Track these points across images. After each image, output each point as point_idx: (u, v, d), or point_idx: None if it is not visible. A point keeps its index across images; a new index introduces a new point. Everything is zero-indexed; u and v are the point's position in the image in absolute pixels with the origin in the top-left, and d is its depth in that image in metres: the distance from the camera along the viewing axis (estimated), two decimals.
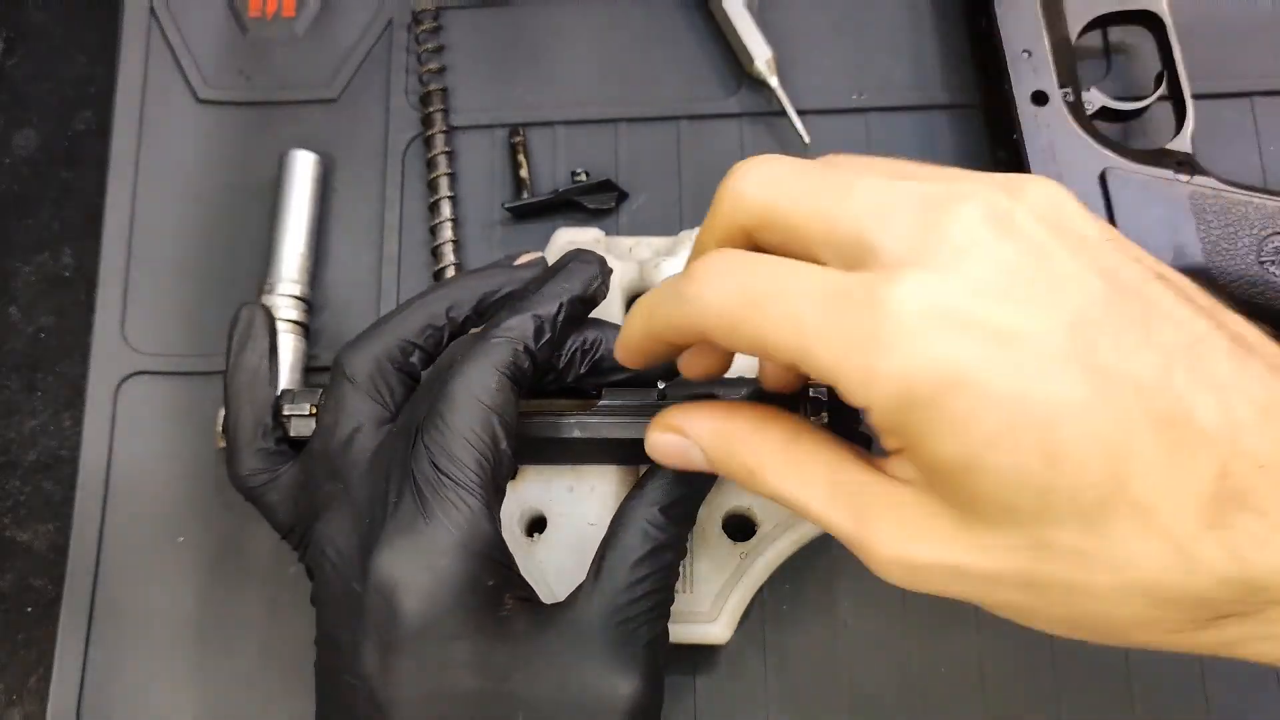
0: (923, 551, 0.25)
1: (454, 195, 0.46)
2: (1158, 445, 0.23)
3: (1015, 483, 0.23)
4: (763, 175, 0.27)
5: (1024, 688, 0.39)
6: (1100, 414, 0.23)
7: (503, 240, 0.46)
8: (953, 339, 0.23)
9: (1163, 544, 0.23)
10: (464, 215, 0.46)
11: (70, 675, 0.41)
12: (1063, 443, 0.23)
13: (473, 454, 0.31)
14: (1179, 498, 0.23)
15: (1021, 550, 0.24)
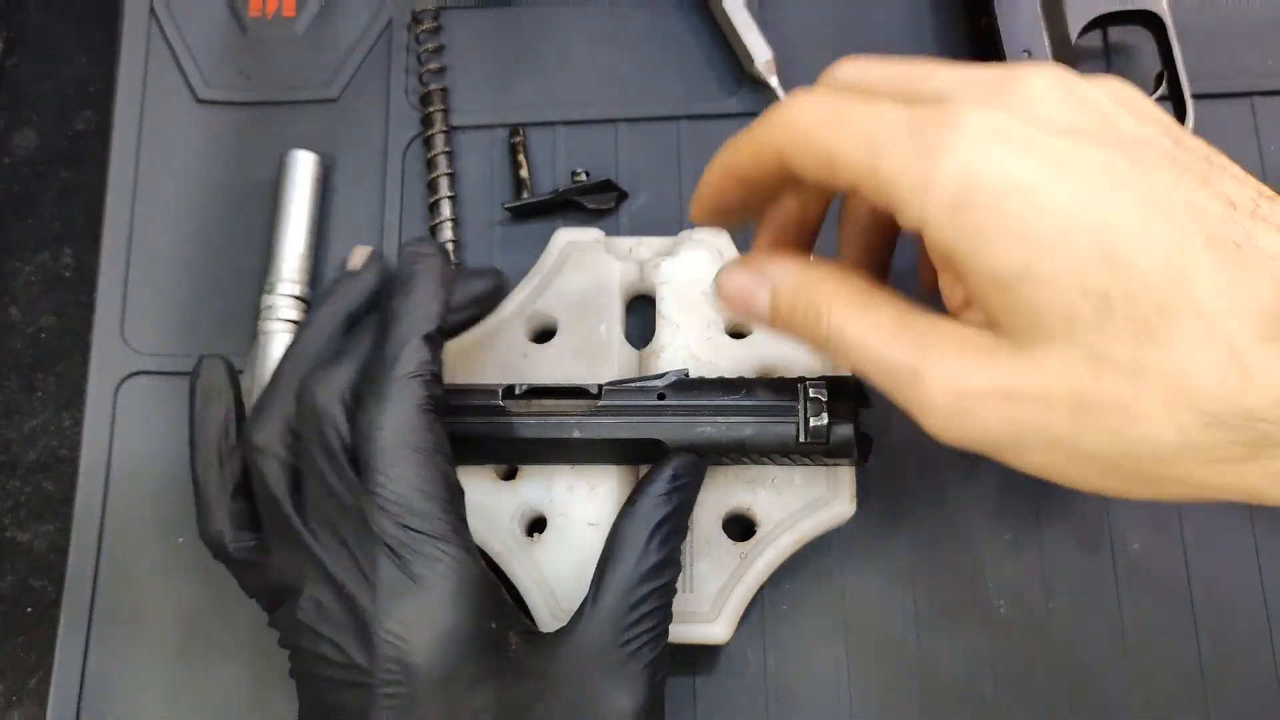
0: (978, 376, 0.26)
1: (454, 195, 0.46)
2: (1217, 261, 0.23)
3: (1074, 287, 0.24)
4: (853, 68, 0.30)
5: (1024, 688, 0.39)
6: (1160, 229, 0.24)
7: (503, 240, 0.46)
8: (1018, 153, 0.25)
9: (1221, 353, 0.23)
10: (464, 215, 0.46)
11: (70, 676, 0.41)
12: (1122, 250, 0.24)
13: (434, 503, 0.30)
14: (1239, 308, 0.23)
15: (1078, 367, 0.24)
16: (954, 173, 0.25)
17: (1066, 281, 0.24)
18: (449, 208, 0.46)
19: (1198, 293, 0.23)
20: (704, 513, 0.38)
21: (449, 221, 0.45)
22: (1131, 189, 0.24)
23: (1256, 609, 0.40)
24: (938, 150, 0.25)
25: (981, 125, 0.25)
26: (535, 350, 0.41)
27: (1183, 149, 0.26)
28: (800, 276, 0.30)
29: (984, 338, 0.26)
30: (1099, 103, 0.26)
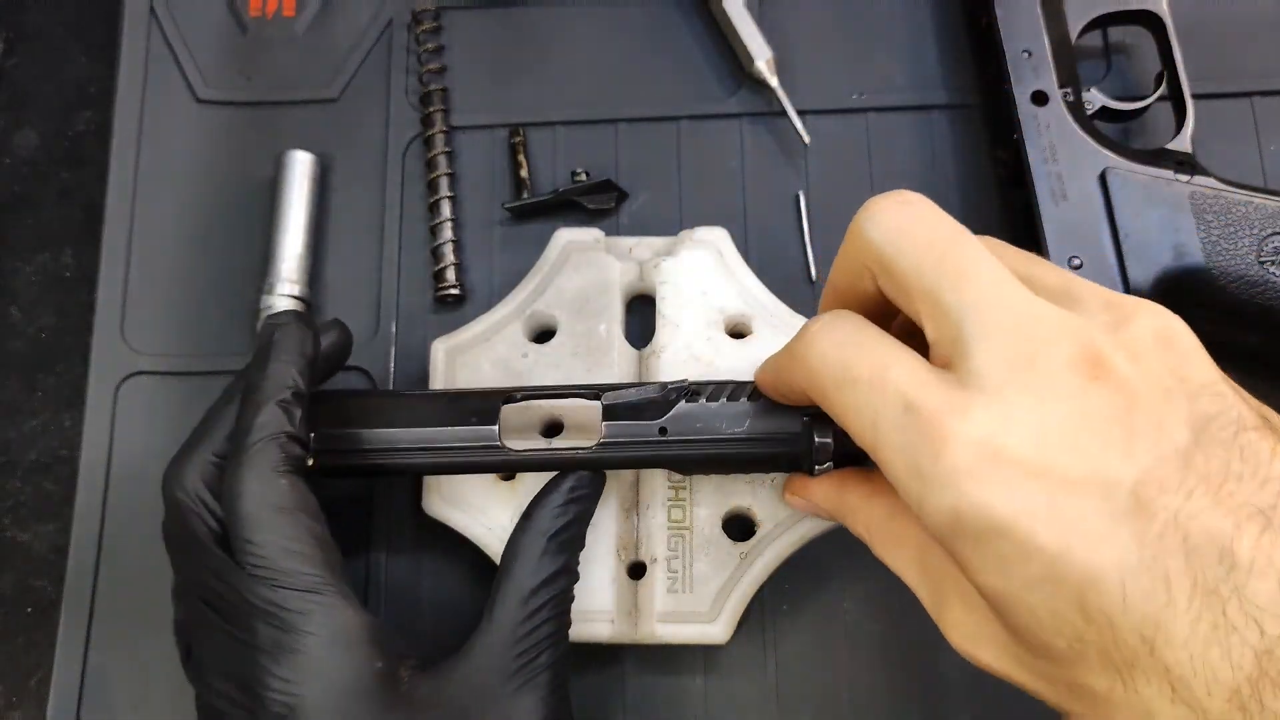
0: (981, 653, 0.28)
1: (454, 195, 0.46)
2: (1200, 620, 0.22)
3: (1050, 627, 0.24)
4: (889, 223, 0.28)
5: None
6: (1143, 583, 0.23)
7: (502, 240, 0.46)
8: (1005, 486, 0.24)
9: (1190, 714, 0.23)
10: (464, 215, 0.46)
11: (70, 676, 0.41)
12: (1099, 603, 0.23)
13: (300, 559, 0.31)
14: (1213, 674, 0.22)
15: (1057, 683, 0.26)
16: (943, 508, 0.25)
17: (1045, 620, 0.24)
18: (449, 208, 0.46)
19: (1168, 656, 0.23)
20: (704, 513, 0.38)
21: (449, 221, 0.45)
22: (1126, 529, 0.23)
23: None
24: (930, 480, 0.25)
25: (975, 452, 0.24)
26: (535, 350, 0.41)
27: (1206, 439, 0.24)
28: (839, 508, 0.34)
29: (984, 613, 0.27)
30: (1123, 378, 0.24)
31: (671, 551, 0.38)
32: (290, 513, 0.31)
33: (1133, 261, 0.40)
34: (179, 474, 0.33)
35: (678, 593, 0.38)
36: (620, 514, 0.39)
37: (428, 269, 0.45)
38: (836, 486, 0.34)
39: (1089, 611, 0.23)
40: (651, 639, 0.37)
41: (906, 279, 0.27)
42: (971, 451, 0.24)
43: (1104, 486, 0.24)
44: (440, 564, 0.41)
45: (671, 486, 0.39)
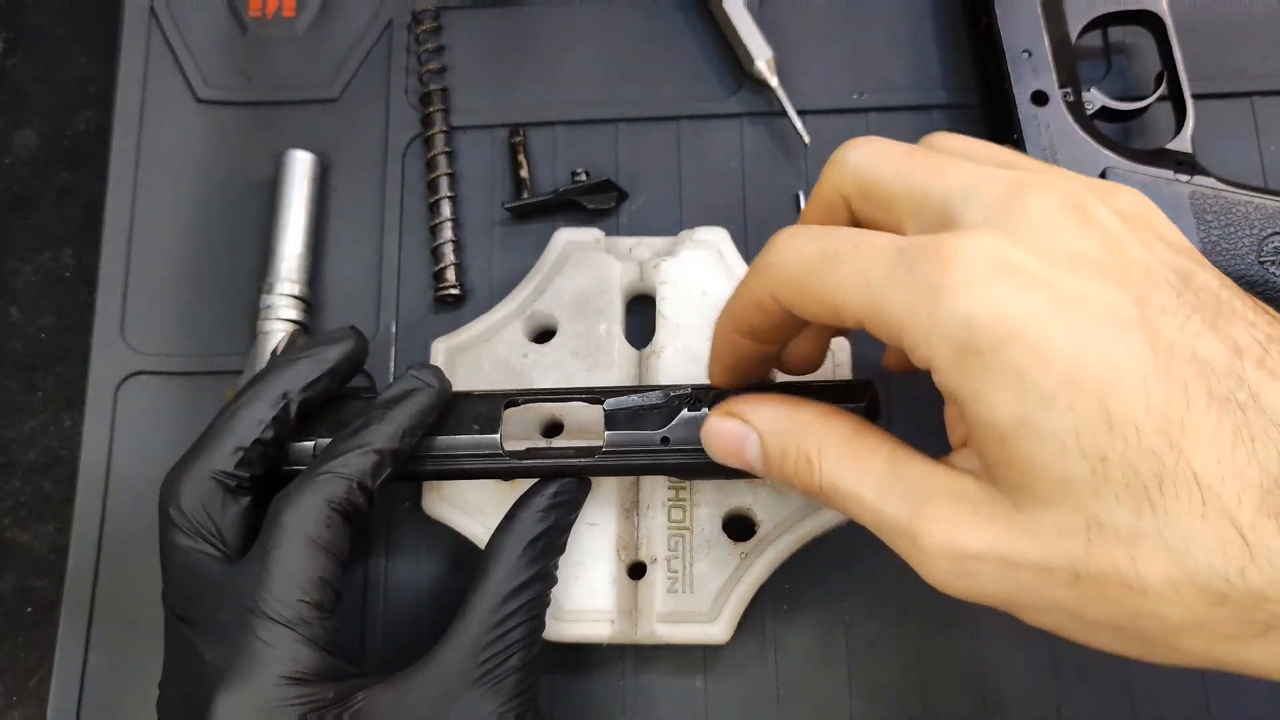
0: (974, 539, 0.25)
1: (454, 195, 0.46)
2: (1221, 424, 0.22)
3: (1071, 446, 0.23)
4: (869, 149, 0.28)
5: (1024, 688, 0.39)
6: (1162, 385, 0.22)
7: (502, 240, 0.46)
8: (1018, 292, 0.23)
9: (1221, 527, 0.22)
10: (464, 215, 0.46)
11: (70, 676, 0.41)
12: (1122, 407, 0.22)
13: (296, 593, 0.31)
14: (1241, 479, 0.22)
15: (1074, 534, 0.23)
16: (957, 318, 0.24)
17: (1064, 439, 0.23)
18: (449, 208, 0.46)
19: (1196, 460, 0.22)
20: (704, 513, 0.38)
21: (449, 221, 0.45)
22: (1137, 335, 0.23)
23: None
24: (938, 293, 0.24)
25: (982, 260, 0.24)
26: (535, 350, 0.41)
27: (1193, 283, 0.24)
28: (786, 423, 0.29)
29: (979, 490, 0.25)
30: (1109, 226, 0.25)
31: (671, 551, 0.38)
32: (317, 548, 0.31)
33: None
34: (176, 487, 0.33)
35: (678, 593, 0.38)
36: (620, 514, 0.39)
37: (428, 269, 0.45)
38: (789, 406, 0.30)
39: (1112, 418, 0.22)
40: (651, 639, 0.37)
41: (888, 187, 0.27)
42: (982, 260, 0.24)
43: (1111, 300, 0.23)
44: (440, 564, 0.41)
45: (671, 487, 0.39)
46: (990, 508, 0.25)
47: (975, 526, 0.25)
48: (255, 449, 0.34)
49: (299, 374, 0.35)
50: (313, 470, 0.32)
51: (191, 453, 0.34)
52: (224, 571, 0.32)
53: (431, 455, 0.36)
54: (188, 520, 0.33)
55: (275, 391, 0.34)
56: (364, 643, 0.41)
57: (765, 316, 0.29)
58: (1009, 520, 0.24)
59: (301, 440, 0.36)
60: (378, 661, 0.41)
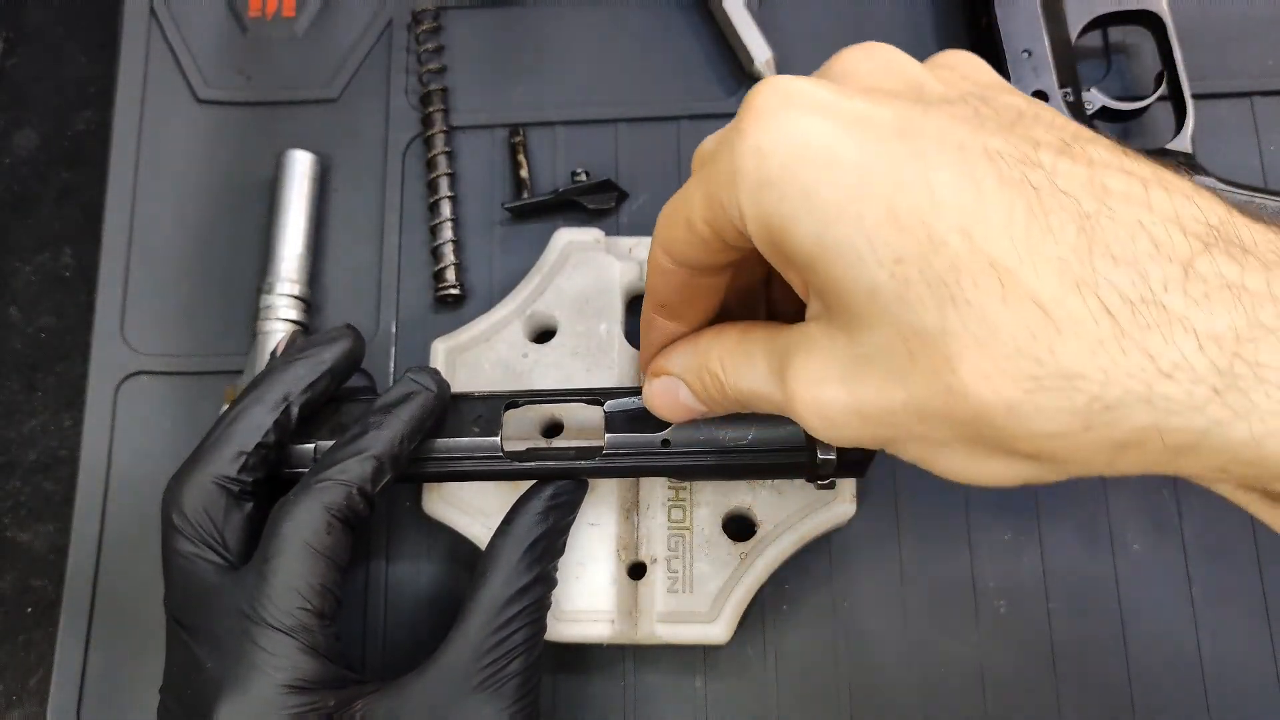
0: (829, 393, 0.25)
1: (454, 195, 0.46)
2: (1012, 207, 0.22)
3: (866, 254, 0.23)
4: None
5: (1024, 688, 0.39)
6: (948, 177, 0.22)
7: (502, 240, 0.46)
8: (808, 117, 0.24)
9: (1025, 307, 0.21)
10: (464, 215, 0.46)
11: (70, 676, 0.41)
12: (908, 204, 0.22)
13: (297, 600, 0.31)
14: (1039, 256, 0.21)
15: (894, 345, 0.23)
16: (750, 149, 0.24)
17: (859, 247, 0.23)
18: (449, 208, 0.46)
19: (990, 244, 0.21)
20: (704, 513, 0.38)
21: (449, 221, 0.45)
22: (922, 139, 0.23)
23: (1257, 609, 0.40)
24: (736, 133, 0.24)
25: (776, 96, 0.24)
26: (535, 350, 0.41)
27: (992, 104, 0.25)
28: (692, 355, 0.30)
29: (822, 333, 0.25)
30: (909, 69, 0.26)
31: (671, 552, 0.38)
32: (316, 555, 0.31)
33: None
34: (179, 493, 0.33)
35: (678, 593, 0.38)
36: (620, 514, 0.39)
37: (428, 269, 0.45)
38: (690, 340, 0.31)
39: (900, 218, 0.22)
40: (651, 639, 0.37)
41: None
42: (775, 97, 0.24)
43: (896, 116, 0.24)
44: (440, 564, 0.41)
45: (671, 487, 0.39)
46: (833, 351, 0.25)
47: (826, 380, 0.25)
48: (257, 453, 0.34)
49: (298, 376, 0.35)
50: (311, 477, 0.32)
51: (193, 459, 0.34)
52: (225, 579, 0.32)
53: (432, 458, 0.35)
54: (190, 526, 0.33)
55: (275, 395, 0.34)
56: (365, 644, 0.41)
57: (664, 274, 0.29)
58: (849, 359, 0.24)
59: (302, 443, 0.36)
60: (377, 662, 0.41)
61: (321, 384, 0.35)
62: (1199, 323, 0.20)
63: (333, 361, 0.36)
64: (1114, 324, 0.21)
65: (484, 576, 0.33)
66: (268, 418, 0.34)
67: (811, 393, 0.25)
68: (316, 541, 0.31)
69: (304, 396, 0.35)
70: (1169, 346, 0.20)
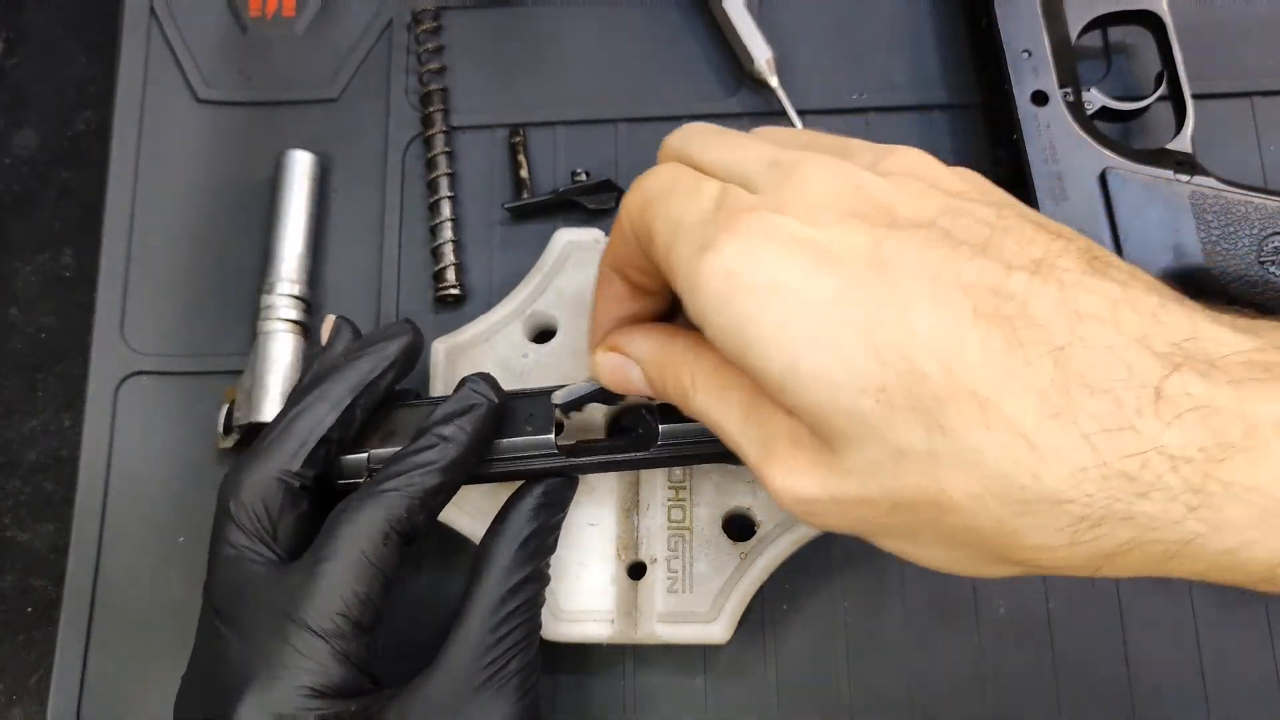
0: (804, 484, 0.26)
1: (454, 195, 0.46)
2: (988, 338, 0.23)
3: (845, 384, 0.24)
4: (684, 129, 0.31)
5: (1024, 688, 0.39)
6: (924, 313, 0.23)
7: (502, 240, 0.46)
8: (781, 251, 0.25)
9: (1007, 436, 0.22)
10: (464, 215, 0.46)
11: (70, 675, 0.41)
12: (888, 339, 0.23)
13: (341, 606, 0.31)
14: (1019, 386, 0.22)
15: (882, 465, 0.24)
16: (717, 272, 0.25)
17: (836, 379, 0.24)
18: (449, 208, 0.46)
19: (970, 376, 0.23)
20: (704, 513, 0.38)
21: (449, 221, 0.45)
22: (898, 272, 0.24)
23: (1257, 609, 0.40)
24: (707, 250, 0.25)
25: (753, 227, 0.25)
26: (535, 350, 0.41)
27: (962, 220, 0.25)
28: (661, 353, 0.31)
29: (808, 436, 0.26)
30: (873, 188, 0.26)
31: (671, 551, 0.38)
32: (368, 564, 0.31)
33: (1132, 261, 0.39)
34: (239, 483, 0.33)
35: (678, 593, 0.38)
36: (620, 514, 0.39)
37: (428, 269, 0.45)
38: (664, 336, 0.31)
39: (880, 352, 0.23)
40: (651, 639, 0.37)
41: (697, 159, 0.30)
42: (751, 228, 0.26)
43: (869, 248, 0.25)
44: (442, 565, 0.41)
45: (671, 486, 0.39)
46: (816, 452, 0.26)
47: (808, 472, 0.26)
48: (320, 449, 0.33)
49: (361, 373, 0.35)
50: (375, 485, 0.32)
51: (255, 450, 0.33)
52: (272, 575, 0.32)
53: (492, 460, 0.35)
54: (246, 516, 0.32)
55: (339, 390, 0.34)
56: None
57: (627, 244, 0.30)
58: (829, 463, 0.25)
59: (355, 453, 0.35)
60: (380, 663, 0.40)
61: (385, 381, 0.35)
62: (1172, 445, 0.22)
63: (395, 356, 0.36)
64: (1093, 451, 0.22)
65: (478, 577, 0.33)
66: (331, 415, 0.34)
67: (790, 482, 0.26)
68: (372, 551, 0.31)
69: (367, 394, 0.35)
70: (1145, 469, 0.22)
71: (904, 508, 0.24)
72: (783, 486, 0.26)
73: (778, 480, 0.26)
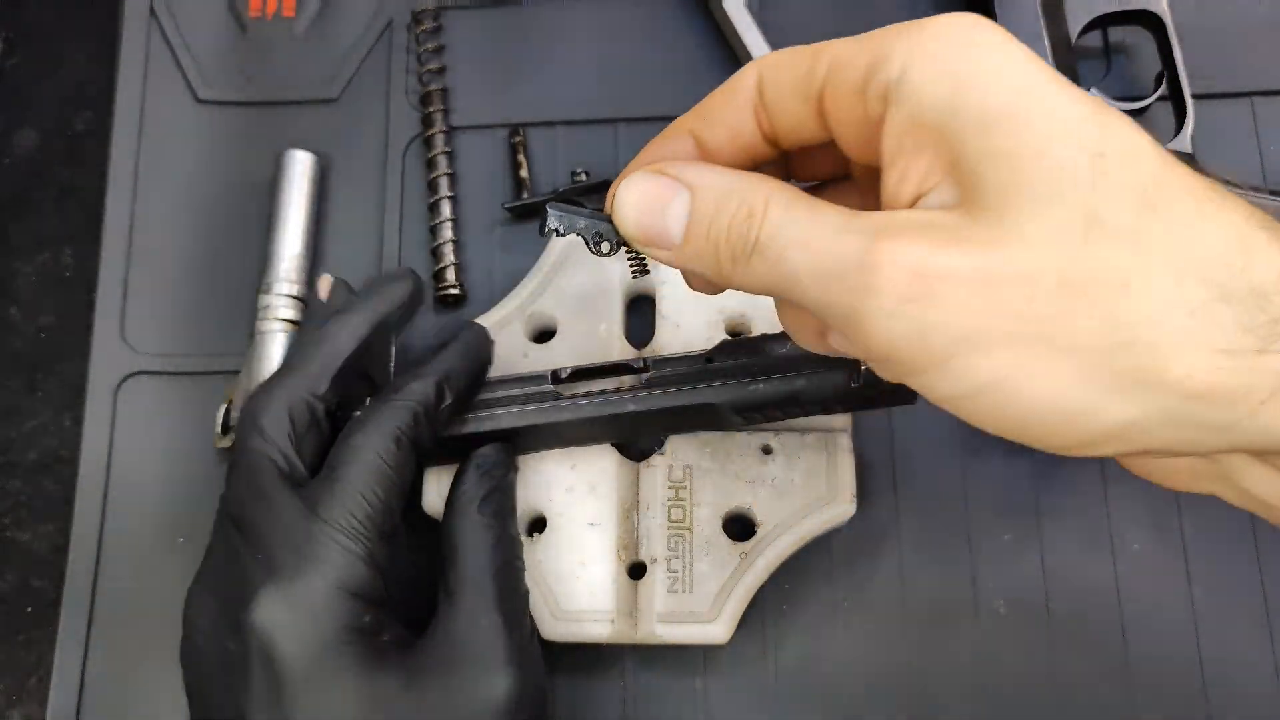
0: (943, 258, 0.21)
1: (454, 195, 0.46)
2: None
3: (1069, 136, 0.22)
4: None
5: (1024, 688, 0.39)
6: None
7: (502, 240, 0.46)
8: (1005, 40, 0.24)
9: (1223, 227, 0.22)
10: (464, 215, 0.46)
11: (70, 676, 0.41)
12: (1118, 123, 0.22)
13: (363, 507, 0.31)
14: (1229, 197, 0.22)
15: (1069, 231, 0.21)
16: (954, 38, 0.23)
17: (1059, 128, 0.22)
18: (449, 208, 0.46)
19: (1190, 179, 0.22)
20: (704, 513, 0.38)
21: (449, 221, 0.45)
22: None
23: (1257, 608, 0.40)
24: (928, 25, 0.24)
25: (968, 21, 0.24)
26: (535, 350, 0.41)
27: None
28: (730, 178, 0.25)
29: (952, 217, 0.22)
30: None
31: (671, 551, 0.38)
32: (384, 467, 0.32)
33: None
34: (265, 403, 0.34)
35: (678, 593, 0.38)
36: (620, 514, 0.39)
37: (428, 269, 0.45)
38: (731, 169, 0.27)
39: (1105, 119, 0.22)
40: (651, 639, 0.37)
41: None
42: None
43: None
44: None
45: (671, 486, 0.39)
46: (966, 230, 0.22)
47: (945, 246, 0.22)
48: (340, 377, 0.35)
49: (374, 307, 0.37)
50: (380, 400, 0.34)
51: (280, 373, 0.35)
52: (292, 485, 0.32)
53: (485, 399, 0.37)
54: (273, 427, 0.33)
55: (356, 321, 0.36)
56: None
57: (739, 112, 0.28)
58: (988, 235, 0.21)
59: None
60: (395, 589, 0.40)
61: (393, 319, 0.37)
62: None
63: (402, 296, 0.38)
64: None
65: (452, 554, 0.33)
66: (350, 342, 0.35)
67: (913, 255, 0.22)
68: (386, 454, 0.32)
69: (379, 330, 0.36)
70: None
71: (1075, 286, 0.21)
72: (903, 262, 0.21)
73: (896, 256, 0.22)
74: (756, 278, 0.25)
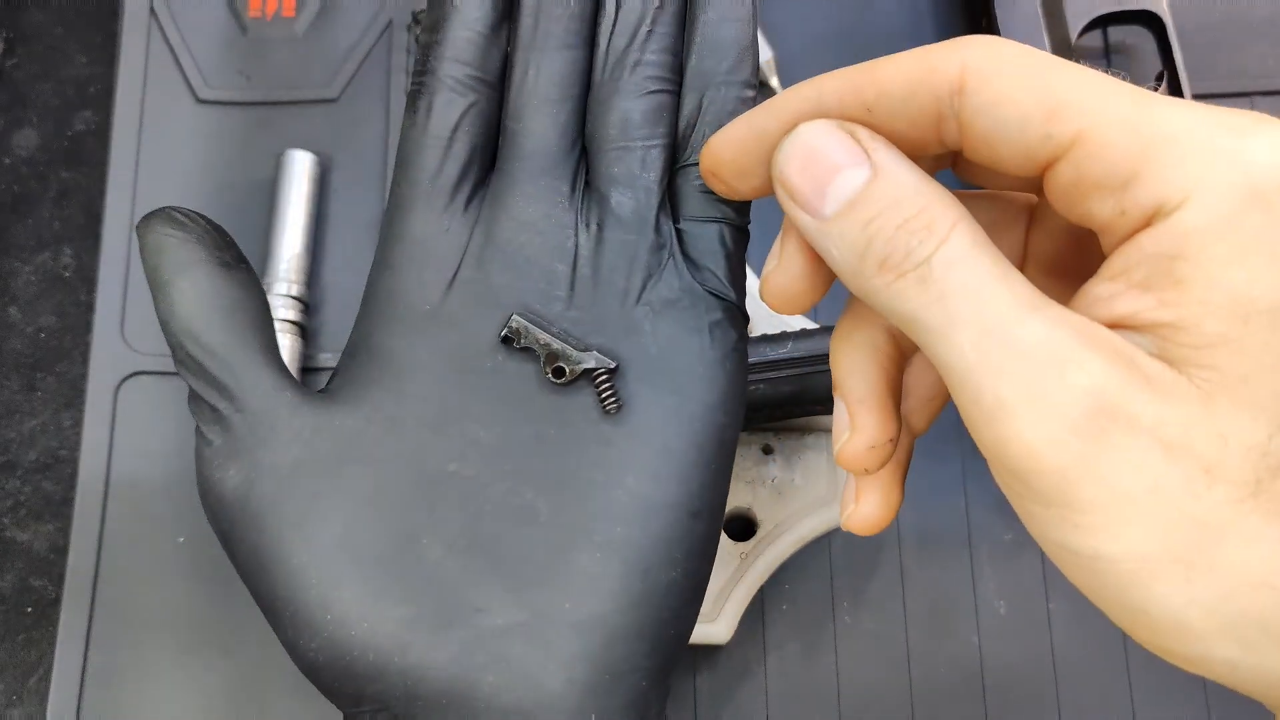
0: (1138, 400, 0.18)
1: None
2: None
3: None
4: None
5: (1024, 688, 0.39)
6: None
7: None
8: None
9: None
10: None
11: (70, 676, 0.41)
12: None
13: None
14: None
15: (1267, 449, 0.18)
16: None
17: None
18: None
19: None
20: None
21: None
22: None
23: None
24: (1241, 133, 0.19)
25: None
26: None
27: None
28: (922, 180, 0.21)
29: (1154, 366, 0.19)
30: None
31: None
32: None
33: None
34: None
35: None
36: None
37: None
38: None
39: None
40: None
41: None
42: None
43: None
44: None
45: None
46: (1164, 381, 0.18)
47: (1140, 391, 0.18)
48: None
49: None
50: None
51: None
52: None
53: None
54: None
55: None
56: None
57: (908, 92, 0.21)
58: (1187, 398, 0.18)
59: None
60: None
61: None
62: None
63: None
64: None
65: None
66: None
67: (1101, 381, 0.18)
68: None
69: None
70: None
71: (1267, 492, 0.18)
72: (1093, 380, 0.18)
73: (1088, 372, 0.18)
74: (896, 298, 0.20)
